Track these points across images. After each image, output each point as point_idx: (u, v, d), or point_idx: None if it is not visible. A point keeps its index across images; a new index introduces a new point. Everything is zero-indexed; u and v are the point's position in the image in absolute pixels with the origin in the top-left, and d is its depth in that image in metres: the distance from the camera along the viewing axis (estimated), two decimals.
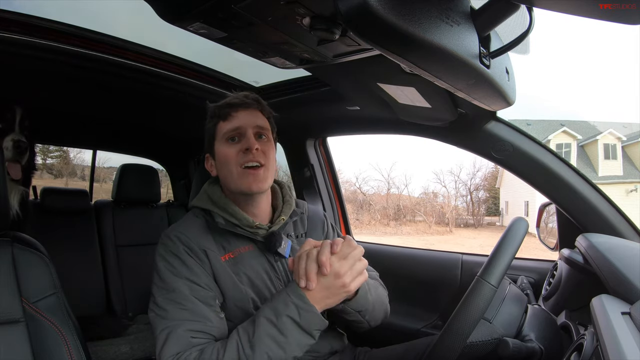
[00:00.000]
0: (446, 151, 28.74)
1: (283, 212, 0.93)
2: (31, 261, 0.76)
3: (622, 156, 15.61)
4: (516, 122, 1.20)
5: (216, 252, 0.82)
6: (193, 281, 0.77)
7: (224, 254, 0.83)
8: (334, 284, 0.71)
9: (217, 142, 0.88)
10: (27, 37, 1.00)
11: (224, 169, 0.86)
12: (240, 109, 0.87)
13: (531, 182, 1.06)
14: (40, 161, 6.66)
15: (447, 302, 1.36)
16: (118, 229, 2.14)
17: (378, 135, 3.31)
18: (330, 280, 0.71)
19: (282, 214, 0.92)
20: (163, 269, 0.79)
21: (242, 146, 0.85)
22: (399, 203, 17.80)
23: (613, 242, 0.88)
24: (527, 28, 0.49)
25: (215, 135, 0.89)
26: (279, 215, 0.92)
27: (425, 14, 0.38)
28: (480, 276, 0.71)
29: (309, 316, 0.70)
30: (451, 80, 0.50)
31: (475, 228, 17.14)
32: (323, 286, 0.71)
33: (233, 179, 0.85)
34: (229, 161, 0.85)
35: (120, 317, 1.95)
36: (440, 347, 0.69)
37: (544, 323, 0.81)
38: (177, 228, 0.85)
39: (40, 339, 0.72)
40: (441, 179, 21.20)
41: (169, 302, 0.75)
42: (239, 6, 0.53)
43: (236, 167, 0.84)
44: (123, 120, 1.97)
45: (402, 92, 0.92)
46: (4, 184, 0.75)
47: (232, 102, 0.88)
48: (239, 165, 0.84)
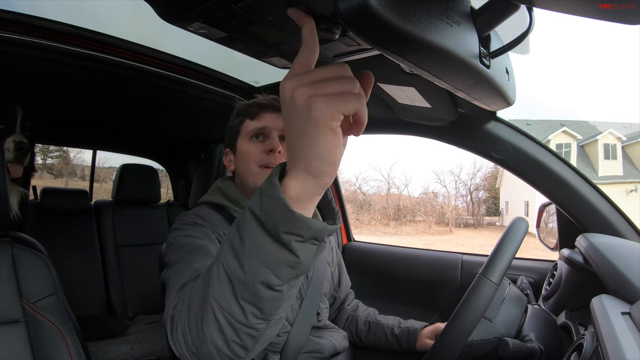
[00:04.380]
0: (446, 151, 28.80)
1: None
2: (31, 261, 0.76)
3: (622, 156, 15.61)
4: (516, 122, 1.20)
5: None
6: (210, 239, 0.74)
7: None
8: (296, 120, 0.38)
9: (240, 138, 0.90)
10: (27, 37, 1.00)
11: (244, 165, 0.88)
12: (268, 111, 0.89)
13: (531, 182, 1.06)
14: (40, 161, 6.68)
15: (447, 302, 1.37)
16: (118, 229, 2.14)
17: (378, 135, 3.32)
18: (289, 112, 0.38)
19: None
20: (176, 236, 0.76)
21: (265, 146, 0.86)
22: (399, 203, 17.81)
23: (613, 242, 0.88)
24: (527, 28, 0.49)
25: (240, 132, 0.91)
26: None
27: (425, 14, 0.38)
28: (482, 274, 0.71)
29: (270, 203, 0.39)
30: (451, 80, 0.50)
31: (475, 228, 17.15)
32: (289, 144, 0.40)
33: (252, 176, 0.86)
34: (250, 158, 0.87)
35: (120, 317, 1.96)
36: (442, 344, 0.69)
37: (544, 323, 0.81)
38: (196, 211, 0.84)
39: (40, 339, 0.72)
40: (441, 179, 21.28)
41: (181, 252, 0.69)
42: (239, 6, 0.52)
43: (256, 166, 0.86)
44: (123, 120, 1.97)
45: (402, 92, 0.92)
46: (4, 184, 0.75)
47: (262, 103, 0.91)
48: (259, 164, 0.86)
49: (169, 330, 0.52)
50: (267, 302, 0.42)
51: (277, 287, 0.41)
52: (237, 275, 0.42)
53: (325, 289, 1.00)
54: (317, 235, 0.40)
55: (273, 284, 0.41)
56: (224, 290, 0.43)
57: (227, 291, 0.43)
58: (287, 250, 0.39)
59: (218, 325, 0.44)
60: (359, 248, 1.70)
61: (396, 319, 1.09)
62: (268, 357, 0.84)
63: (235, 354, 0.46)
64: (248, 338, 0.45)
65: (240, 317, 0.43)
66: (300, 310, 0.90)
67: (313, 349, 0.89)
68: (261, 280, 0.41)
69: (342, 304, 1.15)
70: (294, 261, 0.40)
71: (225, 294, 0.43)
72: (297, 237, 0.39)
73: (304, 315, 0.90)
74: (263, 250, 0.40)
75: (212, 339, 0.45)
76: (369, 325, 1.09)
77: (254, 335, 0.45)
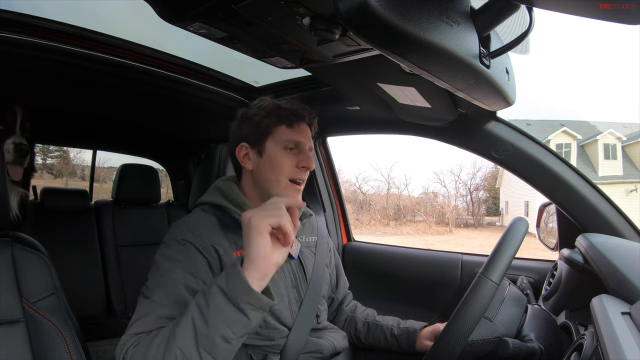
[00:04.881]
0: (446, 151, 28.79)
1: None
2: (31, 261, 0.76)
3: (622, 156, 15.61)
4: (516, 122, 1.20)
5: (228, 248, 0.82)
6: (188, 271, 0.75)
7: (236, 250, 0.82)
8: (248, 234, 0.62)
9: (272, 142, 0.87)
10: (27, 37, 1.00)
11: (272, 174, 0.86)
12: (303, 122, 0.89)
13: (531, 182, 1.06)
14: (40, 161, 6.67)
15: (447, 302, 1.36)
16: (118, 229, 2.14)
17: (378, 135, 3.31)
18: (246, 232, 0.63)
19: None
20: (162, 254, 0.77)
21: (299, 161, 0.87)
22: (399, 203, 17.81)
23: (613, 242, 0.88)
24: (527, 28, 0.49)
25: (271, 135, 0.87)
26: None
27: (425, 14, 0.38)
28: (482, 273, 0.71)
29: (235, 282, 0.60)
30: (451, 80, 0.50)
31: (475, 228, 17.14)
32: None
33: (278, 187, 0.86)
34: (283, 170, 0.86)
35: (120, 317, 1.96)
36: (443, 342, 0.69)
37: (544, 323, 0.81)
38: (188, 221, 0.84)
39: (40, 339, 0.72)
40: (441, 178, 21.27)
41: (157, 285, 0.73)
42: (239, 6, 0.53)
43: (286, 179, 0.86)
44: (123, 120, 1.97)
45: (402, 92, 0.92)
46: (4, 184, 0.75)
47: (300, 113, 0.89)
48: (290, 177, 0.86)
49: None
50: (220, 351, 0.60)
51: (231, 340, 0.60)
52: (202, 330, 0.59)
53: (324, 291, 1.00)
54: (263, 306, 0.61)
55: (229, 337, 0.59)
56: (188, 338, 0.59)
57: (191, 340, 0.59)
58: (242, 314, 0.59)
59: None
60: (359, 248, 1.70)
61: (395, 320, 1.08)
62: (268, 358, 0.83)
63: None
64: None
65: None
66: (299, 312, 0.89)
67: (313, 349, 0.89)
68: (220, 334, 0.59)
69: (340, 305, 1.15)
70: (246, 322, 0.60)
71: (188, 342, 0.59)
72: (251, 306, 0.59)
73: (303, 318, 0.89)
74: (223, 312, 0.59)
75: None
76: (368, 326, 1.08)
77: None
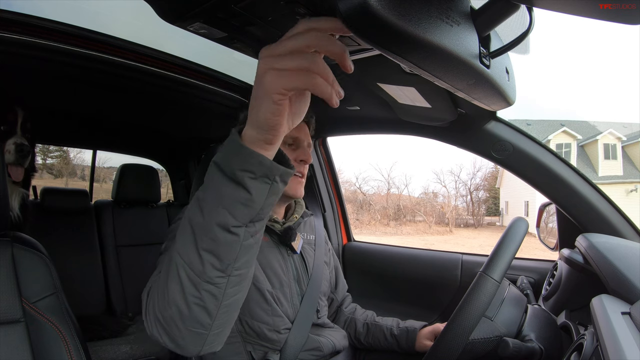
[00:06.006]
0: (446, 151, 28.81)
1: (296, 211, 1.00)
2: (31, 261, 0.76)
3: (622, 156, 15.62)
4: (516, 122, 1.20)
5: None
6: None
7: None
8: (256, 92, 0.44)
9: None
10: (27, 37, 1.00)
11: None
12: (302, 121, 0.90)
13: (531, 182, 1.06)
14: (40, 161, 6.66)
15: (447, 302, 1.37)
16: (118, 229, 2.14)
17: (378, 135, 3.31)
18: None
19: (295, 213, 1.00)
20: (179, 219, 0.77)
21: (298, 156, 0.92)
22: (399, 203, 17.82)
23: (613, 242, 0.88)
24: (527, 28, 0.49)
25: None
26: (292, 214, 0.99)
27: (425, 14, 0.38)
28: (483, 271, 0.71)
29: (227, 147, 0.45)
30: (451, 80, 0.50)
31: (475, 228, 17.15)
32: None
33: None
34: None
35: (120, 317, 1.96)
36: (444, 340, 0.69)
37: (544, 323, 0.81)
38: None
39: (40, 339, 0.72)
40: (441, 179, 21.30)
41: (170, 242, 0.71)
42: (239, 6, 0.52)
43: None
44: (123, 120, 1.97)
45: (402, 92, 0.92)
46: (4, 184, 0.75)
47: None
48: None
49: (143, 305, 0.55)
50: (223, 247, 0.45)
51: (233, 228, 0.44)
52: (197, 221, 0.45)
53: (324, 287, 1.02)
54: (267, 172, 0.44)
55: (229, 224, 0.44)
56: (186, 241, 0.46)
57: (189, 241, 0.46)
58: (241, 187, 0.43)
59: (179, 279, 0.46)
60: (359, 248, 1.70)
61: (395, 320, 1.09)
62: (268, 355, 0.84)
63: (197, 319, 0.47)
64: (208, 296, 0.46)
65: (199, 267, 0.45)
66: (300, 307, 0.91)
67: (312, 347, 0.90)
68: (217, 222, 0.44)
69: (339, 306, 1.16)
70: (246, 198, 0.44)
71: (187, 245, 0.46)
72: (249, 174, 0.43)
73: (304, 312, 0.91)
74: (220, 192, 0.44)
75: (174, 299, 0.47)
76: (368, 327, 1.09)
77: (215, 293, 0.46)
